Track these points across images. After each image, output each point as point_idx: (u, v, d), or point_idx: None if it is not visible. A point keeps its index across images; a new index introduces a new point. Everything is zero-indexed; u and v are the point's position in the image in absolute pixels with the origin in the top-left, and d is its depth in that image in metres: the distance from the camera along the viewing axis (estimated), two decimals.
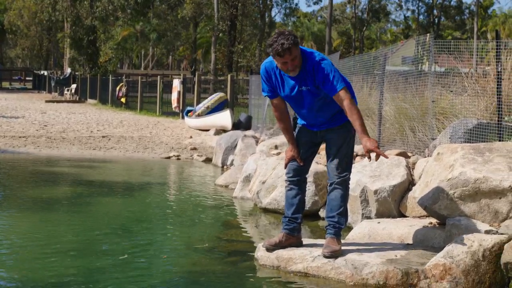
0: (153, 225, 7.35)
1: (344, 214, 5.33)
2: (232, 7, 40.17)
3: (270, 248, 5.35)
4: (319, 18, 75.14)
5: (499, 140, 6.59)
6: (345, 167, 5.29)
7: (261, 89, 5.44)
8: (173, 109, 25.88)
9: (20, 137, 16.53)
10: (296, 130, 5.48)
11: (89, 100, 37.55)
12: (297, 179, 5.40)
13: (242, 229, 7.35)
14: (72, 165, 12.35)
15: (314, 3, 68.53)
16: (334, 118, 5.29)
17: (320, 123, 5.33)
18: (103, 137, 17.36)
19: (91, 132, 18.74)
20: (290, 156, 5.36)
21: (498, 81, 6.89)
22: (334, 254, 5.08)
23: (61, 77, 44.93)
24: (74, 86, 40.81)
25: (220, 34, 43.38)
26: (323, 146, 5.57)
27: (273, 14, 59.58)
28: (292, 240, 5.40)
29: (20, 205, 8.27)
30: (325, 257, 5.08)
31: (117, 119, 24.02)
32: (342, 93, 5.00)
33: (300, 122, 5.46)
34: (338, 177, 5.27)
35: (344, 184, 5.30)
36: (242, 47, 42.78)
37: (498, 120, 6.82)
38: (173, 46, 54.58)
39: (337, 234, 5.26)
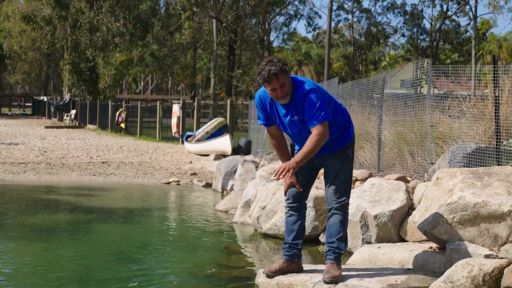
0: (153, 252, 7.34)
1: (343, 239, 5.33)
2: (231, 32, 40.44)
3: (271, 275, 5.34)
4: (317, 41, 75.51)
5: (498, 164, 6.61)
6: (343, 192, 5.30)
7: (257, 118, 5.47)
8: (173, 134, 25.95)
9: (19, 163, 16.55)
10: (292, 155, 5.50)
11: (89, 126, 37.64)
12: (297, 205, 5.41)
13: (243, 255, 7.34)
14: (72, 192, 12.35)
15: (313, 29, 68.91)
16: (331, 145, 5.30)
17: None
18: (102, 163, 17.38)
19: (91, 158, 18.76)
20: (289, 183, 5.36)
21: (496, 105, 6.94)
22: (335, 280, 5.08)
23: (61, 103, 45.06)
24: (73, 111, 40.91)
25: (219, 59, 43.64)
26: (322, 171, 5.59)
27: (271, 38, 59.94)
28: (293, 266, 5.40)
29: (20, 232, 8.27)
30: (326, 282, 5.08)
31: (117, 144, 24.06)
32: (315, 129, 5.01)
33: (297, 148, 5.47)
34: (337, 202, 5.28)
35: (343, 209, 5.31)
36: (241, 71, 43.02)
37: (496, 144, 6.85)
38: (172, 72, 54.85)
39: (337, 259, 5.25)
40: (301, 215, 5.44)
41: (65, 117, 41.41)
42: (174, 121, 25.65)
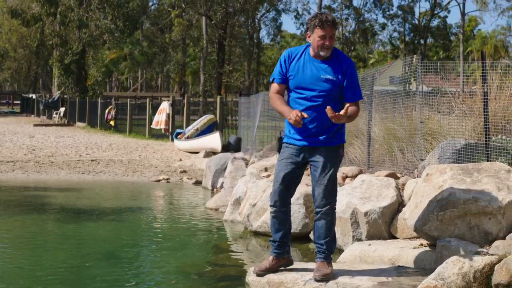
0: (144, 250, 7.32)
1: (332, 240, 5.29)
2: (220, 29, 40.38)
3: (261, 274, 5.32)
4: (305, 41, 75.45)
5: (487, 160, 6.62)
6: (332, 193, 5.23)
7: (273, 75, 5.39)
8: (161, 129, 25.78)
9: (8, 161, 16.46)
10: (281, 149, 5.39)
11: (78, 123, 37.49)
12: (282, 204, 5.35)
13: (233, 253, 7.32)
14: (61, 190, 12.29)
15: (301, 24, 68.90)
16: (327, 135, 5.23)
17: (311, 134, 5.21)
18: (92, 161, 17.31)
19: (80, 156, 18.69)
20: (294, 113, 5.03)
21: (484, 102, 6.94)
22: (326, 278, 5.06)
23: (50, 100, 44.84)
24: (62, 109, 40.73)
25: (209, 56, 43.59)
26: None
27: (261, 35, 59.94)
28: (282, 261, 5.38)
29: (8, 231, 8.21)
30: (317, 281, 5.06)
31: (106, 142, 23.97)
32: (356, 104, 5.22)
33: (286, 139, 5.34)
34: (325, 205, 5.20)
35: (331, 212, 5.25)
36: (231, 68, 42.96)
37: (485, 140, 6.85)
38: (163, 69, 54.74)
39: (327, 258, 5.24)
40: (287, 213, 5.40)
41: (54, 115, 41.21)
42: (162, 117, 25.53)
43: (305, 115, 5.02)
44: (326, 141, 5.23)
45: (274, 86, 5.36)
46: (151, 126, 26.45)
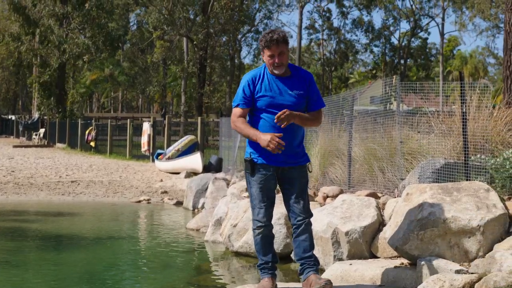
0: (125, 272, 7.26)
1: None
2: (201, 50, 40.49)
3: None
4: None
5: (467, 180, 6.67)
6: (308, 206, 5.34)
7: (235, 100, 5.34)
8: (143, 152, 25.77)
9: None
10: (253, 172, 5.29)
11: (58, 145, 37.24)
12: (266, 224, 5.35)
13: (214, 274, 7.28)
14: (40, 212, 12.18)
15: None
16: (297, 154, 5.29)
17: (285, 153, 5.16)
18: (72, 182, 17.19)
19: (60, 177, 18.55)
20: (270, 138, 5.02)
21: (463, 121, 7.01)
22: (329, 283, 5.02)
23: (29, 122, 44.54)
24: (42, 130, 40.46)
25: (190, 77, 43.63)
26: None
27: (243, 55, 60.20)
28: (275, 281, 5.37)
29: None
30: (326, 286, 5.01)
31: (87, 163, 23.83)
32: (319, 111, 5.33)
33: (259, 160, 5.26)
34: (306, 218, 5.27)
35: (310, 224, 5.35)
36: (212, 89, 43.00)
37: (464, 160, 6.91)
38: (144, 90, 54.70)
39: (317, 270, 5.28)
40: (271, 232, 5.43)
41: (33, 136, 40.92)
42: (144, 139, 25.50)
43: (282, 142, 5.01)
44: (298, 161, 5.29)
45: (238, 111, 5.31)
46: (141, 151, 26.14)
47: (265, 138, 5.04)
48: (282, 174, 5.29)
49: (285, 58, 5.18)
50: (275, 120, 5.05)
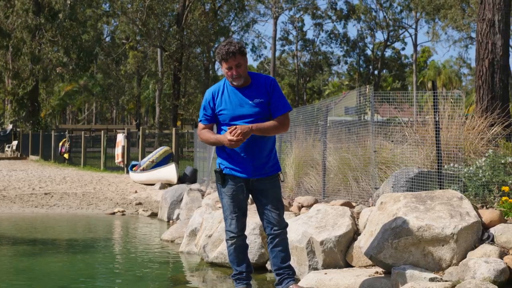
0: (98, 284, 7.19)
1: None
2: (175, 61, 40.41)
3: None
4: (261, 71, 76.19)
5: (440, 188, 6.73)
6: (283, 215, 5.37)
7: (200, 117, 5.39)
8: (117, 164, 25.63)
9: None
10: (224, 183, 5.31)
11: (31, 157, 36.87)
12: (239, 234, 5.35)
13: (189, 285, 7.24)
14: (13, 225, 12.03)
15: (258, 57, 69.57)
16: (268, 164, 5.29)
17: (253, 165, 5.21)
18: (45, 194, 17.01)
19: (33, 189, 18.34)
20: (228, 136, 5.06)
21: (436, 131, 7.07)
22: None
23: (2, 134, 44.07)
24: (15, 142, 40.07)
25: (164, 88, 43.51)
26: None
27: (216, 67, 60.06)
28: None
29: None
30: None
31: (60, 175, 23.60)
32: (282, 116, 5.25)
33: (227, 171, 5.29)
34: (283, 227, 5.31)
35: (286, 233, 5.38)
36: (186, 100, 42.92)
37: (438, 169, 6.97)
38: (118, 101, 54.44)
39: (295, 279, 5.29)
40: (245, 242, 5.44)
41: (6, 148, 40.49)
42: (118, 150, 25.36)
43: (239, 128, 5.02)
44: (268, 171, 5.28)
45: (201, 126, 5.39)
46: (116, 162, 26.01)
47: (224, 138, 5.08)
48: (253, 185, 5.29)
49: (242, 69, 5.16)
50: (230, 143, 5.00)
